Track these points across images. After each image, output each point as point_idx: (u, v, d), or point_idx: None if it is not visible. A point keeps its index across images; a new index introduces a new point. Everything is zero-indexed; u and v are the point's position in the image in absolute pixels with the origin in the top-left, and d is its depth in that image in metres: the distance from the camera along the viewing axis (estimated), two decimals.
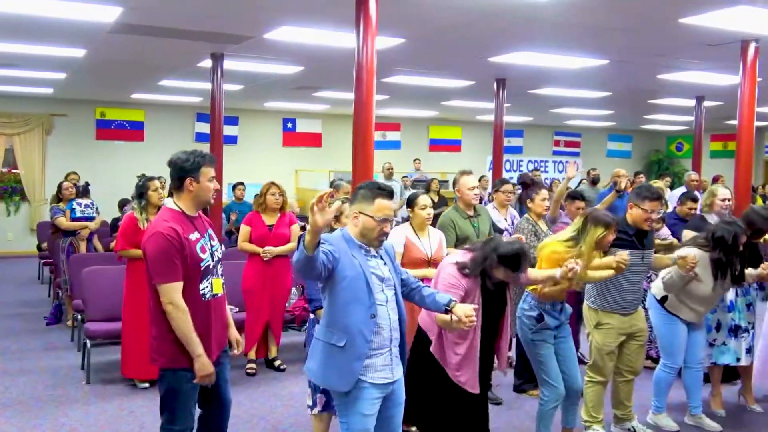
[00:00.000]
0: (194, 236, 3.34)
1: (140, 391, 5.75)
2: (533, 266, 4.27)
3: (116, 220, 8.98)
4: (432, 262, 4.79)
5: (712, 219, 5.67)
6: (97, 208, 8.43)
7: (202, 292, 3.34)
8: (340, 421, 3.31)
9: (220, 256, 3.52)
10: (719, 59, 8.29)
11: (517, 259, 3.75)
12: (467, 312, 3.29)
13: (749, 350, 5.36)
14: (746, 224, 5.01)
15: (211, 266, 3.39)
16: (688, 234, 5.46)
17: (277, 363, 6.33)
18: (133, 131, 15.13)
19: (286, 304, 6.50)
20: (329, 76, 10.26)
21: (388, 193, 3.24)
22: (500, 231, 6.01)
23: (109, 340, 6.20)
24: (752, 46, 6.97)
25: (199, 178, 3.35)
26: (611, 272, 4.41)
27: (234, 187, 10.56)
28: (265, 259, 6.05)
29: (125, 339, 5.78)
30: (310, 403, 4.29)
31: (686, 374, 5.09)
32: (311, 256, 2.92)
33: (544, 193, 5.74)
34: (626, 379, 4.88)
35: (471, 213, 5.44)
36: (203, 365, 3.28)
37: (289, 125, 16.91)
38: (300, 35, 7.36)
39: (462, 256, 3.91)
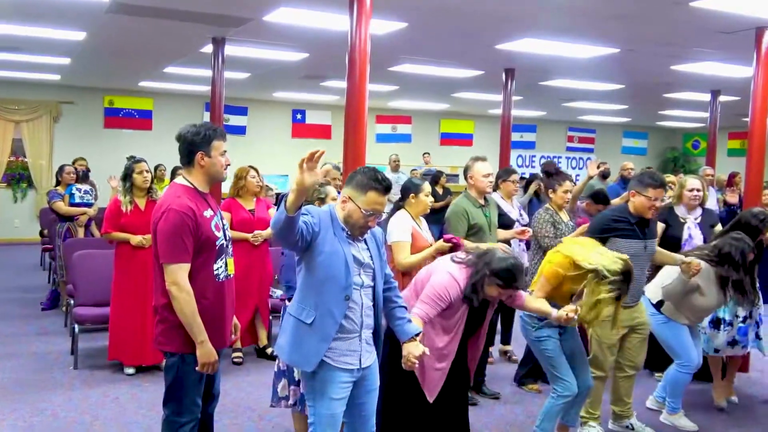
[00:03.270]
0: (209, 213, 3.22)
1: (126, 378, 5.66)
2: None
3: None
4: None
5: (680, 211, 5.59)
6: (96, 195, 8.36)
7: (216, 272, 3.22)
8: (308, 405, 3.17)
9: (230, 235, 3.41)
10: (734, 49, 8.04)
11: (510, 275, 3.59)
12: (415, 354, 3.22)
13: (733, 343, 5.22)
14: (742, 226, 4.94)
15: (224, 245, 3.28)
16: (660, 226, 5.33)
17: (269, 351, 6.20)
18: (141, 120, 15.12)
19: (278, 292, 6.36)
20: (335, 64, 10.03)
21: (384, 188, 3.06)
22: (512, 222, 5.84)
23: (98, 325, 6.10)
24: (767, 34, 6.72)
25: (210, 152, 3.21)
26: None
27: None
28: (256, 243, 5.93)
29: (113, 322, 5.71)
30: (285, 393, 4.07)
31: (676, 374, 4.90)
32: (292, 217, 2.76)
33: (567, 184, 5.51)
34: (627, 374, 4.73)
35: (483, 202, 5.24)
36: (207, 352, 3.15)
37: (299, 116, 16.82)
38: (299, 17, 7.20)
39: (458, 269, 3.70)
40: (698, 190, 5.52)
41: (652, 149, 21.43)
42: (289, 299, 3.88)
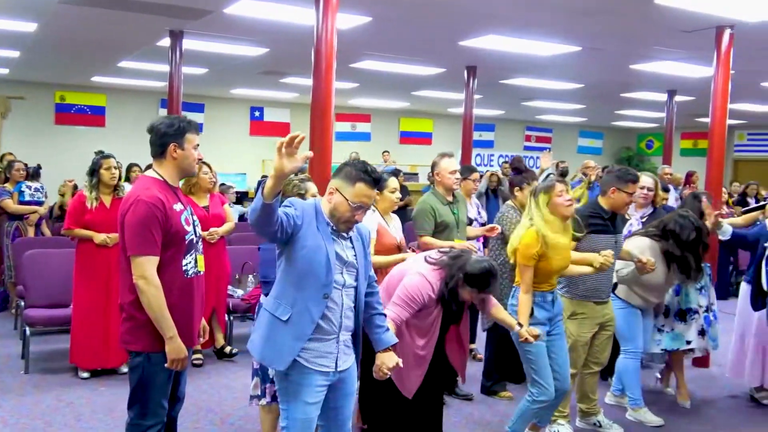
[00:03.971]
0: (178, 207, 3.11)
1: (80, 383, 5.43)
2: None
3: None
4: (401, 247, 4.59)
5: (630, 208, 5.56)
6: (46, 192, 8.07)
7: (184, 268, 3.11)
8: (281, 408, 3.03)
9: (200, 232, 3.30)
10: (693, 48, 8.14)
11: (485, 280, 3.53)
12: (389, 366, 3.12)
13: (702, 333, 5.28)
14: (687, 205, 5.22)
15: (194, 240, 3.18)
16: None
17: (227, 349, 6.05)
18: (94, 116, 14.78)
19: (241, 292, 6.21)
20: (295, 60, 9.95)
21: (373, 180, 2.93)
22: (470, 221, 5.76)
23: (51, 327, 5.85)
24: (727, 33, 6.80)
25: (183, 144, 3.11)
26: (589, 269, 4.25)
27: None
28: (212, 241, 5.75)
29: (75, 324, 5.49)
30: (257, 393, 3.95)
31: (624, 361, 4.96)
32: (269, 204, 2.61)
33: (535, 184, 5.45)
34: (592, 371, 4.72)
35: (450, 199, 5.14)
36: (176, 348, 3.03)
37: (257, 114, 16.61)
38: (261, 10, 7.04)
39: (431, 270, 3.62)
40: (649, 189, 5.50)
41: (607, 149, 21.77)
42: (267, 295, 3.75)
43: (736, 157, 19.72)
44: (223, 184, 10.96)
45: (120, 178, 5.65)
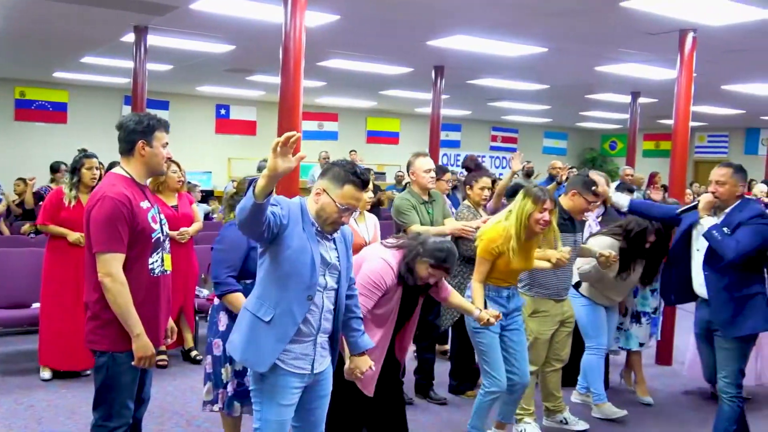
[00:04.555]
0: (145, 204, 3.07)
1: (42, 385, 5.32)
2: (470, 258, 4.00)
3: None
4: None
5: None
6: (2, 191, 7.88)
7: (151, 266, 3.08)
8: (255, 409, 2.99)
9: (168, 231, 3.26)
10: (657, 50, 8.26)
11: (443, 255, 3.53)
12: (362, 369, 3.18)
13: (654, 335, 5.53)
14: None
15: (161, 239, 3.15)
16: None
17: (193, 354, 5.97)
18: (55, 113, 14.49)
19: (206, 292, 6.13)
20: (262, 57, 9.88)
21: (362, 182, 2.88)
22: None
23: (10, 328, 5.71)
24: (690, 36, 6.92)
25: (152, 142, 3.08)
26: (547, 264, 4.30)
27: None
28: (182, 241, 5.68)
29: (43, 324, 5.38)
30: (210, 398, 3.87)
31: (588, 358, 5.05)
32: (260, 204, 2.56)
33: (484, 181, 5.41)
34: (554, 368, 4.78)
35: (426, 198, 5.12)
36: (143, 345, 2.99)
37: (223, 112, 16.44)
38: (228, 6, 6.96)
39: (391, 254, 3.61)
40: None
41: (572, 149, 22.03)
42: (220, 297, 3.69)
43: (696, 159, 20.09)
44: (188, 183, 10.85)
45: (101, 178, 5.53)
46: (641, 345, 5.39)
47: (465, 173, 7.20)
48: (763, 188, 9.88)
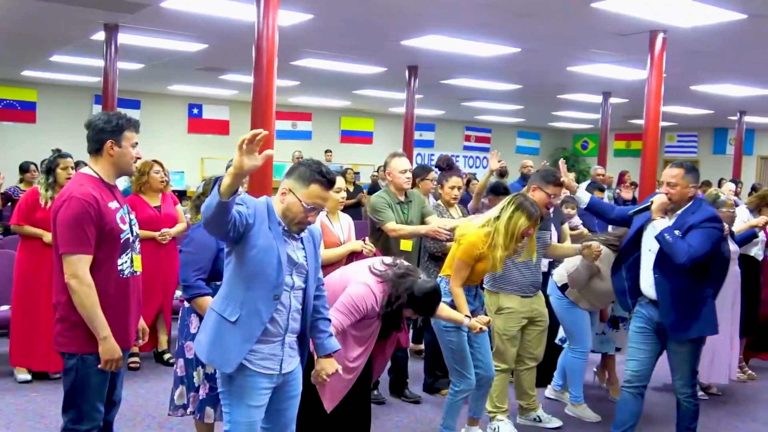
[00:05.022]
0: (114, 205, 3.03)
1: (11, 389, 5.22)
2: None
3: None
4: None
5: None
6: None
7: (120, 267, 3.03)
8: (224, 411, 2.96)
9: (138, 231, 3.21)
10: (628, 51, 8.36)
11: (429, 305, 3.55)
12: (329, 372, 3.14)
13: None
14: None
15: (130, 240, 3.10)
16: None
17: (166, 357, 5.90)
18: (23, 112, 14.28)
19: (179, 293, 6.06)
20: (234, 56, 9.81)
21: (329, 182, 2.85)
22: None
23: None
24: (660, 37, 7.02)
25: (121, 141, 3.03)
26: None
27: None
28: (164, 242, 5.62)
29: (15, 324, 5.29)
30: (183, 402, 3.78)
31: (570, 360, 5.06)
32: (225, 202, 2.53)
33: (454, 180, 5.37)
34: (528, 366, 4.78)
35: (402, 199, 5.08)
36: (110, 348, 2.94)
37: (195, 111, 16.30)
38: (199, 4, 6.91)
39: (374, 281, 3.57)
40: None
41: (544, 149, 22.19)
42: (189, 300, 3.65)
43: (666, 158, 20.34)
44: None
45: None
46: (617, 349, 5.39)
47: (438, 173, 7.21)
48: (732, 187, 10.04)
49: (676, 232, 3.94)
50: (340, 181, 4.57)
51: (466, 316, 3.95)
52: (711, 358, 5.44)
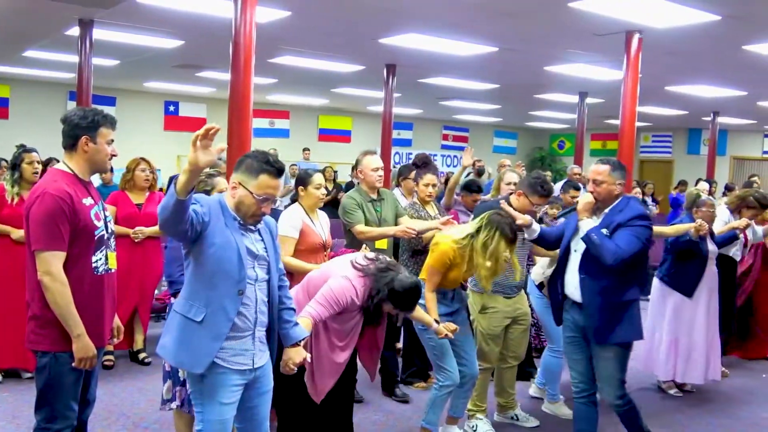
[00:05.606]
0: (88, 201, 2.99)
1: None
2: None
3: None
4: (326, 246, 4.50)
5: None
6: None
7: (94, 264, 2.99)
8: (195, 410, 2.94)
9: (113, 228, 3.18)
10: (604, 51, 8.43)
11: (409, 300, 3.55)
12: (296, 361, 3.09)
13: None
14: None
15: (105, 237, 3.06)
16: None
17: (141, 356, 5.84)
18: None
19: (156, 291, 6.01)
20: (212, 53, 9.74)
21: (277, 170, 2.84)
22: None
23: None
24: (636, 38, 7.09)
25: (96, 138, 2.99)
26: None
27: None
28: (136, 240, 5.56)
29: None
30: (168, 396, 3.83)
31: (549, 359, 5.07)
32: (182, 201, 2.51)
33: (428, 177, 5.31)
34: (510, 365, 4.80)
35: (374, 196, 5.06)
36: (84, 346, 2.91)
37: (172, 108, 16.17)
38: (176, 0, 6.83)
39: (356, 275, 3.56)
40: (515, 184, 5.45)
41: (521, 149, 22.31)
42: (174, 294, 3.62)
43: (642, 158, 20.59)
44: None
45: (43, 173, 5.36)
46: None
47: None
48: (706, 186, 10.17)
49: (604, 231, 3.79)
50: (319, 178, 4.56)
51: (435, 320, 3.96)
52: (687, 357, 5.48)
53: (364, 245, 4.51)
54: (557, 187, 8.30)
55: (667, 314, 5.54)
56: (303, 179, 4.52)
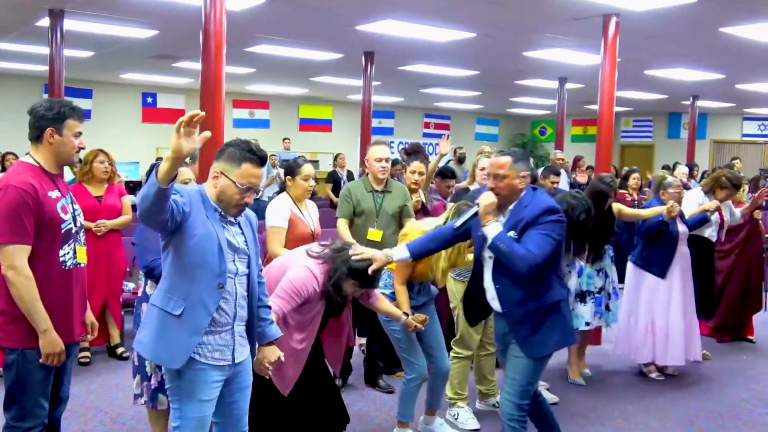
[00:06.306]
0: (54, 194, 2.94)
1: None
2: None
3: None
4: (316, 236, 4.43)
5: (475, 187, 5.68)
6: None
7: (62, 258, 2.94)
8: (173, 407, 2.87)
9: (82, 222, 3.12)
10: (582, 36, 8.39)
11: (368, 275, 3.47)
12: (271, 360, 3.09)
13: (598, 315, 5.44)
14: (592, 194, 5.11)
15: (73, 230, 3.03)
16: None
17: (120, 351, 5.77)
18: None
19: (133, 286, 5.93)
20: (187, 43, 9.56)
21: (260, 159, 2.79)
22: None
23: None
24: (613, 21, 7.04)
25: (62, 130, 2.95)
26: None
27: None
28: (99, 233, 5.45)
29: None
30: (137, 391, 3.79)
31: None
32: (164, 189, 2.45)
33: (415, 164, 5.32)
34: (489, 352, 4.80)
35: (378, 187, 4.99)
36: (51, 341, 2.86)
37: (149, 100, 16.01)
38: None
39: (315, 264, 3.50)
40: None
41: (503, 135, 22.32)
42: (156, 280, 3.54)
43: (622, 143, 20.65)
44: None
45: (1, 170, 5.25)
46: (587, 324, 5.34)
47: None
48: (685, 170, 10.19)
49: (511, 233, 3.36)
50: (308, 169, 4.50)
51: (405, 313, 3.91)
52: (664, 341, 5.50)
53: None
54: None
55: (642, 297, 5.58)
56: (292, 169, 4.48)
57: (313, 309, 3.54)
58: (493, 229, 3.37)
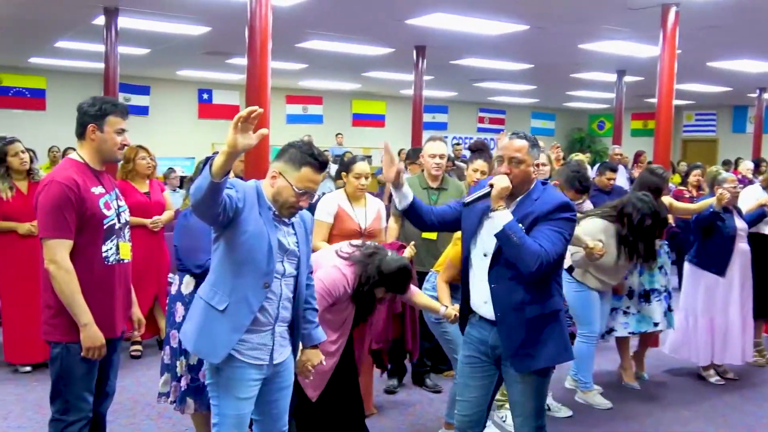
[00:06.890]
0: (98, 190, 2.98)
1: (12, 379, 5.19)
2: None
3: None
4: (366, 234, 4.39)
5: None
6: None
7: (104, 254, 2.97)
8: (212, 403, 2.86)
9: (127, 219, 3.14)
10: (640, 26, 8.12)
11: (400, 282, 3.45)
12: (314, 363, 3.08)
13: (666, 314, 5.26)
14: (644, 187, 4.98)
15: (116, 226, 3.05)
16: None
17: None
18: (33, 99, 14.27)
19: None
20: (239, 39, 9.59)
21: (320, 164, 2.73)
22: None
23: None
24: (672, 11, 6.79)
25: (103, 126, 2.97)
26: None
27: None
28: (156, 230, 5.54)
29: (6, 320, 5.25)
30: (166, 390, 3.75)
31: (580, 345, 4.86)
32: (218, 183, 2.41)
33: (478, 163, 5.05)
34: None
35: (434, 184, 4.92)
36: (91, 335, 2.90)
37: (205, 96, 16.24)
38: None
39: (345, 264, 3.46)
40: (543, 165, 5.20)
41: (560, 130, 21.90)
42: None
43: (684, 138, 20.02)
44: (169, 168, 10.66)
45: (31, 161, 5.33)
46: (656, 325, 5.15)
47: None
48: (750, 165, 9.78)
49: (520, 226, 2.96)
50: (360, 167, 4.43)
51: (443, 305, 3.84)
52: (723, 339, 5.33)
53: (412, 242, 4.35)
54: (592, 171, 8.09)
55: (699, 296, 5.38)
56: (346, 165, 4.45)
57: (345, 310, 3.51)
58: (504, 215, 2.93)
